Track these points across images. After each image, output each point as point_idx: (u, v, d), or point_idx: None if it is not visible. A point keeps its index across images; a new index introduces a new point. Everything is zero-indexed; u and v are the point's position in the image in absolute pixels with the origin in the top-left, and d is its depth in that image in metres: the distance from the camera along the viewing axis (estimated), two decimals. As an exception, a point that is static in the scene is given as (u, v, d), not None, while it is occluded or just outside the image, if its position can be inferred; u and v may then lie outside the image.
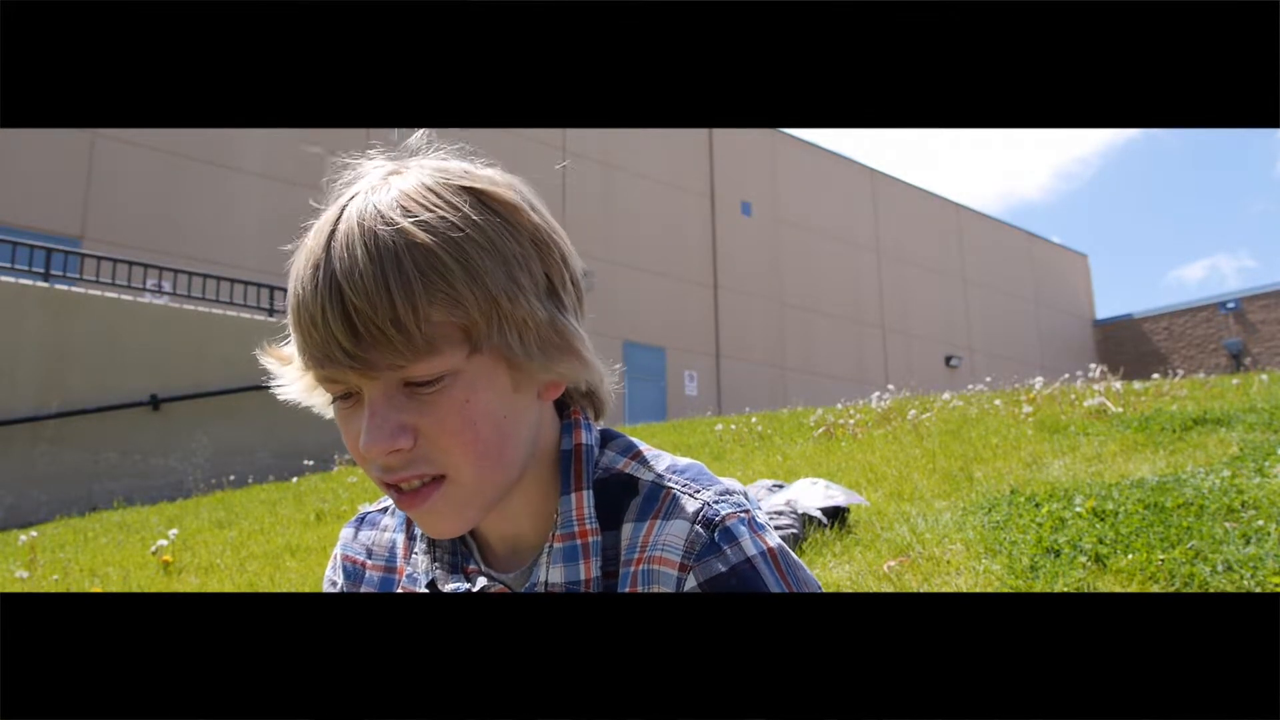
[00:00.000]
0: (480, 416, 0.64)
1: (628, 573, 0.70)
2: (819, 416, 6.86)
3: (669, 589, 0.67)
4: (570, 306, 0.69)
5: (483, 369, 0.64)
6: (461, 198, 0.64)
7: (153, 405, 8.88)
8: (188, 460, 8.97)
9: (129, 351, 8.89)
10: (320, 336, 0.62)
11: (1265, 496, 2.92)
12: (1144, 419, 4.59)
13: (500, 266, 0.63)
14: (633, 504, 0.71)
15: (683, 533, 0.68)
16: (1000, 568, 2.73)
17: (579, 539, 0.71)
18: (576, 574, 0.70)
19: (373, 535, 0.83)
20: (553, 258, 0.68)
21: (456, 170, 0.67)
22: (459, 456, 0.65)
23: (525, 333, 0.65)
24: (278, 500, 6.67)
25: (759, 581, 0.66)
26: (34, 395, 8.37)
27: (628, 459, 0.74)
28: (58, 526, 6.81)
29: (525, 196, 0.69)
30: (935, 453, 4.62)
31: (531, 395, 0.69)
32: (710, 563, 0.66)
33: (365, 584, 0.80)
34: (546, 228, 0.68)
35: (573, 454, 0.72)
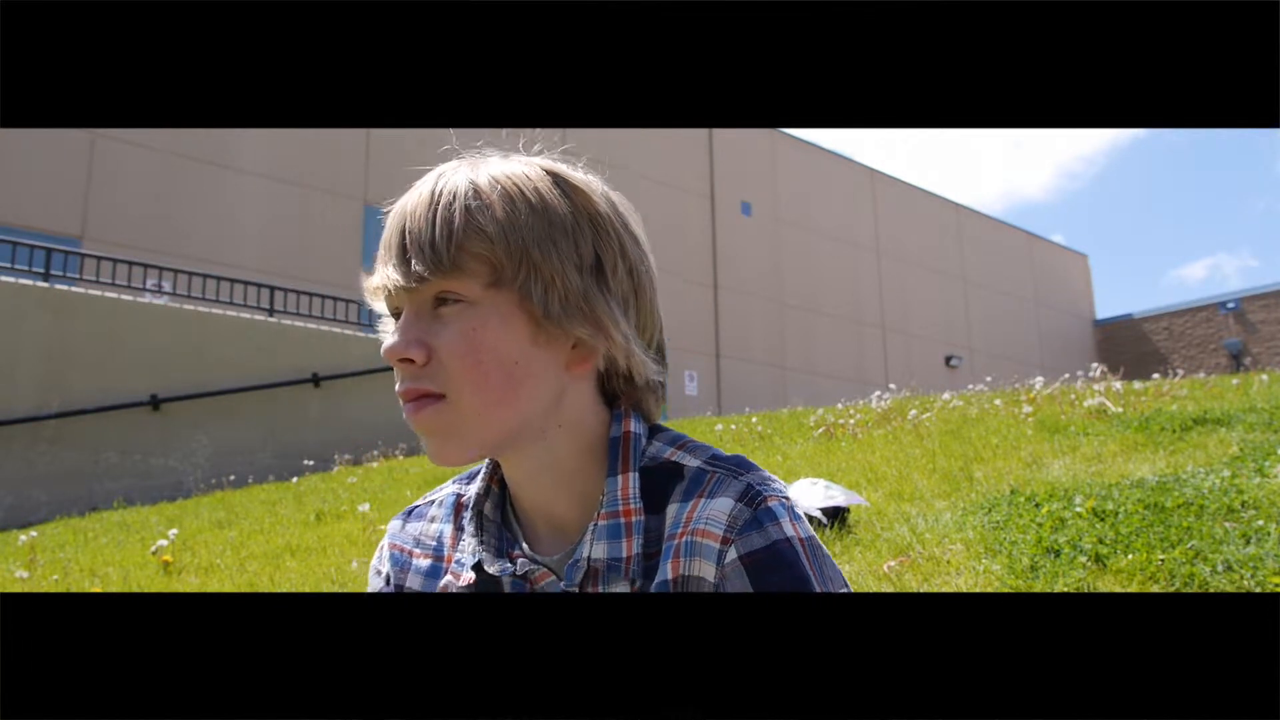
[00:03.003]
0: (485, 349, 0.71)
1: (671, 546, 0.72)
2: (819, 416, 6.86)
3: (710, 560, 0.70)
4: (616, 292, 0.74)
5: (498, 308, 0.71)
6: (537, 173, 0.74)
7: (153, 405, 8.88)
8: (188, 460, 8.97)
9: (129, 351, 8.89)
10: (383, 251, 0.73)
11: (1265, 496, 2.91)
12: (1144, 419, 4.59)
13: (544, 226, 0.71)
14: (678, 488, 0.75)
15: (726, 509, 0.71)
16: (1000, 568, 2.73)
17: (623, 518, 0.74)
18: (619, 551, 0.73)
19: (420, 526, 0.86)
20: (608, 243, 0.74)
21: (547, 161, 0.76)
22: (461, 379, 0.71)
23: (550, 289, 0.71)
24: (278, 500, 6.67)
25: (797, 562, 0.69)
26: (34, 395, 8.37)
27: (674, 448, 0.78)
28: (58, 526, 6.81)
29: (604, 192, 0.76)
30: (935, 453, 4.62)
31: (555, 358, 0.73)
32: (751, 537, 0.70)
33: (413, 571, 0.84)
34: (613, 219, 0.75)
35: (621, 440, 0.76)
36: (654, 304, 0.78)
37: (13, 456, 8.15)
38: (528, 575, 0.76)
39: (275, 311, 10.19)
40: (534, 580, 0.76)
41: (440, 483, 0.91)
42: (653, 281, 0.79)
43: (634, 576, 0.73)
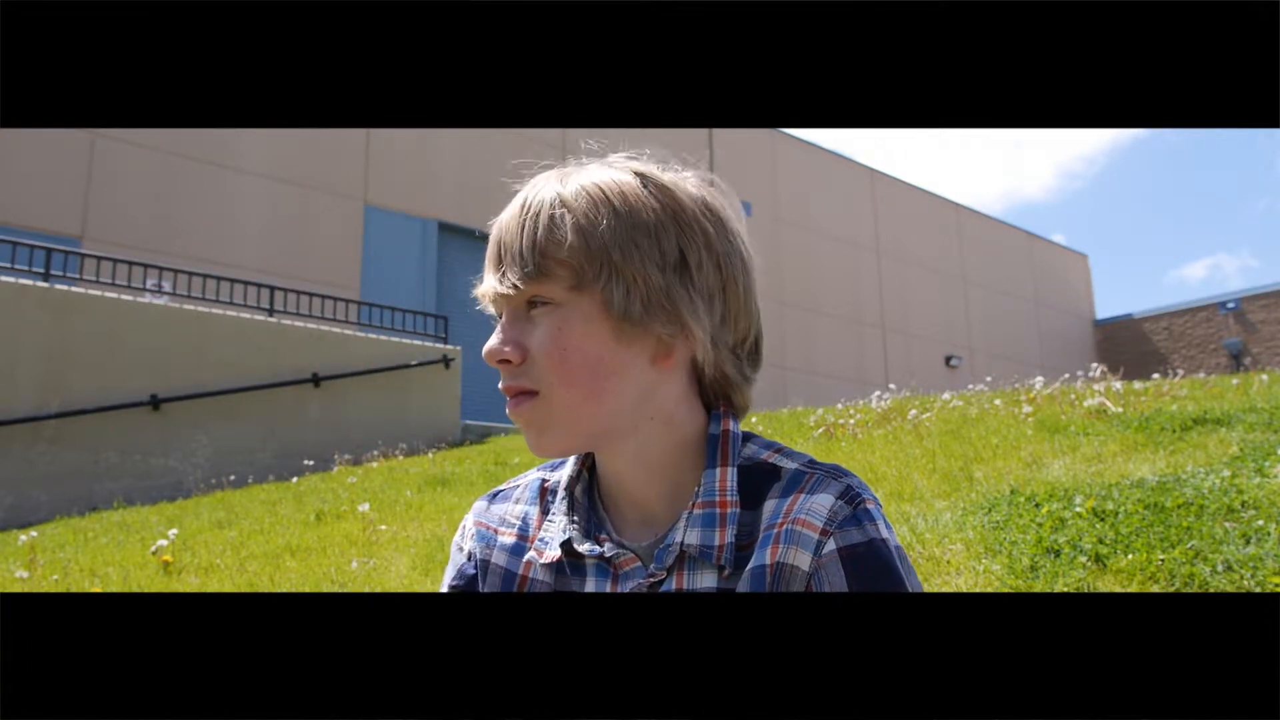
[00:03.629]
0: (571, 347, 0.75)
1: (770, 534, 0.75)
2: (819, 416, 6.86)
3: (807, 550, 0.73)
4: (701, 288, 0.77)
5: (581, 308, 0.75)
6: (626, 175, 0.77)
7: (153, 405, 8.87)
8: (188, 460, 8.96)
9: (129, 351, 8.88)
10: (487, 261, 0.79)
11: (1265, 496, 2.91)
12: (1144, 419, 4.59)
13: (625, 227, 0.74)
14: (775, 486, 0.77)
15: (827, 504, 0.74)
16: (1000, 568, 2.73)
17: (719, 508, 0.77)
18: (711, 539, 0.75)
19: (505, 507, 0.89)
20: (692, 238, 0.76)
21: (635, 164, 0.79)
22: (551, 377, 0.75)
23: (632, 289, 0.74)
24: (278, 500, 6.67)
25: (892, 563, 0.72)
26: (34, 395, 8.36)
27: (771, 452, 0.81)
28: (58, 526, 6.81)
29: (694, 187, 0.79)
30: (935, 453, 4.61)
31: (641, 355, 0.77)
32: (849, 532, 0.73)
33: (498, 548, 0.86)
34: (700, 214, 0.77)
35: (720, 437, 0.79)
36: (749, 294, 0.81)
37: (13, 456, 8.15)
38: (614, 559, 0.78)
39: (275, 311, 10.18)
40: (619, 565, 0.78)
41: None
42: (748, 270, 0.81)
43: (725, 564, 0.75)
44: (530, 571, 0.83)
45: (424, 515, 5.15)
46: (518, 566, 0.83)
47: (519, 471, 4.00)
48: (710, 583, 0.75)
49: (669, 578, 0.76)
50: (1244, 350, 22.36)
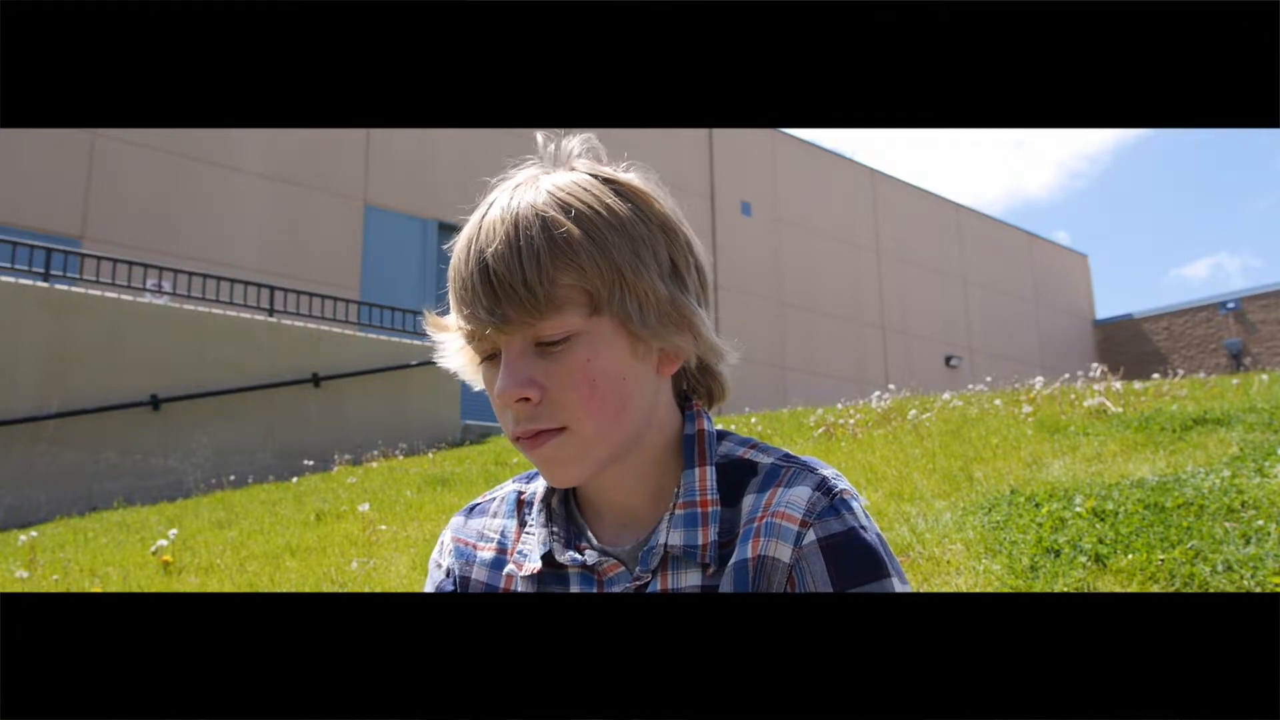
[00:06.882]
0: (600, 375, 0.72)
1: (750, 528, 0.75)
2: (819, 416, 6.86)
3: (787, 542, 0.73)
4: (692, 289, 0.77)
5: (603, 332, 0.72)
6: (600, 186, 0.74)
7: (153, 405, 8.87)
8: (188, 460, 8.96)
9: (129, 351, 8.88)
10: (469, 298, 0.71)
11: (1265, 496, 2.91)
12: (1144, 419, 4.59)
13: (627, 244, 0.72)
14: (752, 482, 0.78)
15: (805, 496, 0.74)
16: (1000, 568, 2.73)
17: (700, 508, 0.77)
18: (695, 539, 0.76)
19: (483, 521, 0.89)
20: (678, 243, 0.76)
21: (599, 168, 0.77)
22: (580, 410, 0.72)
23: (645, 304, 0.73)
24: (278, 500, 6.67)
25: (873, 548, 0.72)
26: (34, 395, 8.36)
27: (746, 448, 0.81)
28: (58, 526, 6.81)
29: (656, 188, 0.78)
30: (935, 453, 4.61)
31: (650, 364, 0.76)
32: (829, 523, 0.73)
33: (478, 564, 0.85)
34: (674, 217, 0.77)
35: (696, 437, 0.79)
36: (707, 283, 0.80)
37: (13, 456, 8.15)
38: (596, 566, 0.78)
39: (275, 311, 10.18)
40: (603, 572, 0.78)
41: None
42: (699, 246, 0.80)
43: (710, 562, 0.75)
44: (511, 585, 0.82)
45: (424, 515, 5.15)
46: (498, 580, 0.83)
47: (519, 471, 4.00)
48: (695, 581, 0.75)
49: (654, 579, 0.76)
50: (1244, 350, 22.36)
